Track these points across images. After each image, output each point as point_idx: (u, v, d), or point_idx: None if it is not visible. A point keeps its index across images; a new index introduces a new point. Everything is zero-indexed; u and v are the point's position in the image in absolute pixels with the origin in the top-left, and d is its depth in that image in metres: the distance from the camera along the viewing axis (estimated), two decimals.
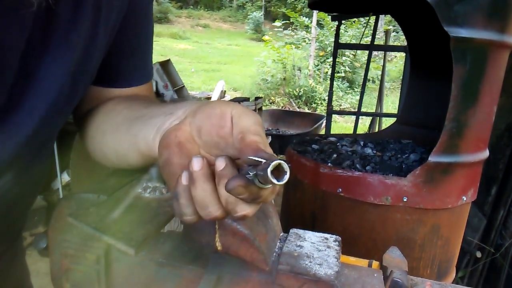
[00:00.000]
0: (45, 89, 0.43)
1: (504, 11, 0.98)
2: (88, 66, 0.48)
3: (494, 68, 1.01)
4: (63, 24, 0.42)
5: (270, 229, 0.42)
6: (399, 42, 9.24)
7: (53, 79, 0.44)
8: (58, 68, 0.43)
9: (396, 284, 0.40)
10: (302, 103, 8.01)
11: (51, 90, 0.44)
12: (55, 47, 0.42)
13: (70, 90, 0.47)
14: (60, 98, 0.46)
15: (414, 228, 1.08)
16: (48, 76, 0.43)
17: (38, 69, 0.42)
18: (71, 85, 0.46)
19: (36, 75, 0.42)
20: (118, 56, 0.57)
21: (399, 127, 1.69)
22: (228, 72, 10.04)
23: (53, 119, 0.47)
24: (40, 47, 0.41)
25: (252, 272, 0.39)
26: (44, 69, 0.43)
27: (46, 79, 0.43)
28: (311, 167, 1.17)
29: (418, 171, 1.02)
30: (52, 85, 0.44)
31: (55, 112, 0.46)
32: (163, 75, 4.81)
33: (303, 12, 11.81)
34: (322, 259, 0.40)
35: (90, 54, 0.47)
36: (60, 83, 0.44)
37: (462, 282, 1.87)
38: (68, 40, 0.43)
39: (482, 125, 1.05)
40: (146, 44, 0.61)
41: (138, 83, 0.61)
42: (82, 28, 0.44)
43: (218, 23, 19.81)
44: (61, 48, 0.43)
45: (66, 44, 0.43)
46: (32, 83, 0.42)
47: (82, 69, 0.47)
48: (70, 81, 0.45)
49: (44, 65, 0.42)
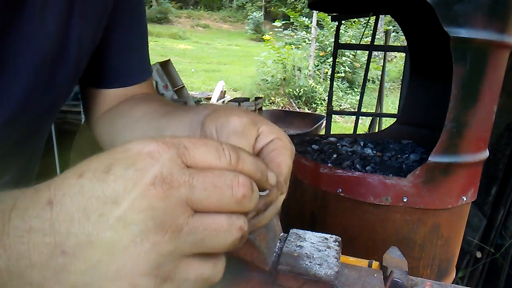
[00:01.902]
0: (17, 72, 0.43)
1: (504, 11, 0.98)
2: (66, 56, 0.47)
3: (494, 68, 1.01)
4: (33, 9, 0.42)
5: (270, 229, 0.42)
6: (399, 42, 9.25)
7: (25, 63, 0.43)
8: (30, 53, 0.43)
9: (396, 284, 0.40)
10: (302, 103, 8.01)
11: (24, 73, 0.43)
12: (25, 32, 0.42)
13: (47, 78, 0.46)
14: (36, 84, 0.45)
15: (414, 228, 1.08)
16: (19, 59, 0.43)
17: (8, 51, 0.42)
18: (48, 74, 0.46)
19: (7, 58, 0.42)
20: (115, 55, 0.58)
21: (399, 127, 1.69)
22: (228, 72, 10.04)
23: (32, 106, 0.46)
24: (7, 29, 0.41)
25: (252, 272, 0.39)
26: (15, 52, 0.42)
27: (17, 62, 0.42)
28: (311, 167, 1.17)
29: (418, 171, 1.02)
30: (25, 69, 0.43)
31: (32, 98, 0.46)
32: (163, 75, 4.81)
33: (303, 12, 11.81)
34: (322, 259, 0.40)
35: (66, 44, 0.47)
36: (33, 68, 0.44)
37: (462, 282, 1.87)
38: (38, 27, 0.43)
39: (482, 125, 1.05)
40: (142, 41, 0.62)
41: (139, 81, 0.61)
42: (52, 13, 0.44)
43: (218, 23, 19.83)
44: (32, 34, 0.43)
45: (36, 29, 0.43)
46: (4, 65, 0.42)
47: (58, 59, 0.46)
48: (45, 68, 0.45)
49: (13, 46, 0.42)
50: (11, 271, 0.23)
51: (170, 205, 0.23)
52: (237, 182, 0.25)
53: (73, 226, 0.23)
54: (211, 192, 0.24)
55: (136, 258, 0.23)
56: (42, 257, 0.23)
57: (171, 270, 0.24)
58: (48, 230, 0.23)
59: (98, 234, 0.23)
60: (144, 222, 0.23)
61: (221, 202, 0.24)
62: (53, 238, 0.23)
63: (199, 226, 0.24)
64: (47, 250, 0.23)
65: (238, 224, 0.25)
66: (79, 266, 0.23)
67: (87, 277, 0.23)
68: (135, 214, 0.23)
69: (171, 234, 0.23)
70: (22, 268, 0.23)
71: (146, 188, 0.23)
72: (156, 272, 0.23)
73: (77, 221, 0.23)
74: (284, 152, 0.33)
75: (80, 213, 0.23)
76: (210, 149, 0.26)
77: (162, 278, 0.24)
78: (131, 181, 0.23)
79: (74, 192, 0.23)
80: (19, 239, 0.23)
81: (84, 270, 0.23)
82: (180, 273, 0.24)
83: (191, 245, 0.24)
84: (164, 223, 0.23)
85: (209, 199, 0.24)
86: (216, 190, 0.24)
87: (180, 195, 0.23)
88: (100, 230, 0.22)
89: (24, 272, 0.23)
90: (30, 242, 0.23)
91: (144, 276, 0.23)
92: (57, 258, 0.23)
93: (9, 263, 0.23)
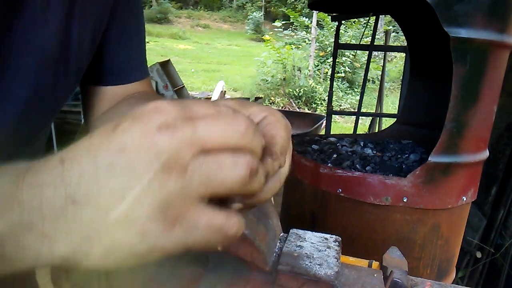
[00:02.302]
0: (20, 72, 0.43)
1: (504, 11, 0.98)
2: (67, 56, 0.48)
3: (494, 68, 1.01)
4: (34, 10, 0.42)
5: (270, 229, 0.42)
6: (399, 42, 9.25)
7: (27, 64, 0.43)
8: (32, 53, 0.43)
9: (396, 284, 0.40)
10: (302, 103, 8.01)
11: (26, 74, 0.44)
12: (27, 32, 0.42)
13: (49, 78, 0.46)
14: (39, 84, 0.45)
15: (414, 228, 1.08)
16: (21, 60, 0.43)
17: (10, 52, 0.42)
18: (50, 73, 0.46)
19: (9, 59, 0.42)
20: (113, 52, 0.58)
21: (399, 127, 1.69)
22: (228, 73, 10.04)
23: (35, 107, 0.47)
24: (8, 30, 0.41)
25: (252, 272, 0.39)
26: (17, 53, 0.42)
27: (18, 62, 0.43)
28: (311, 167, 1.17)
29: (418, 171, 1.02)
30: (27, 70, 0.44)
31: (35, 99, 0.46)
32: (163, 75, 4.81)
33: (303, 12, 11.81)
34: (322, 259, 0.40)
35: (67, 44, 0.47)
36: (35, 69, 0.44)
37: (462, 282, 1.87)
38: (40, 27, 0.43)
39: (482, 125, 1.05)
40: (140, 40, 0.62)
41: (137, 78, 0.62)
42: (53, 13, 0.44)
43: (218, 23, 19.83)
44: (33, 34, 0.43)
45: (37, 30, 0.43)
46: (4, 65, 0.42)
47: (60, 59, 0.47)
48: (47, 68, 0.45)
49: (14, 46, 0.42)
50: (23, 224, 0.24)
51: (175, 145, 0.24)
52: (238, 117, 0.26)
53: (83, 177, 0.24)
54: (214, 128, 0.25)
55: (145, 200, 0.23)
56: (53, 209, 0.24)
57: (179, 212, 0.24)
58: (59, 184, 0.24)
59: (108, 182, 0.23)
60: (151, 164, 0.23)
61: (226, 136, 0.25)
62: (64, 190, 0.24)
63: (204, 162, 0.24)
64: (59, 201, 0.24)
65: (245, 159, 0.25)
66: (90, 214, 0.24)
67: (97, 225, 0.24)
68: (141, 157, 0.23)
69: (178, 173, 0.24)
70: (34, 221, 0.24)
71: (151, 133, 0.24)
72: (165, 215, 0.24)
73: (87, 173, 0.24)
74: (277, 125, 0.33)
75: (90, 165, 0.24)
76: (209, 105, 0.27)
77: (171, 221, 0.24)
78: (137, 131, 0.24)
79: (84, 148, 0.24)
80: (32, 193, 0.24)
81: (95, 217, 0.24)
82: (189, 216, 0.25)
83: (198, 183, 0.24)
84: (170, 163, 0.24)
85: (213, 135, 0.25)
86: (219, 126, 0.25)
87: (184, 135, 0.24)
88: (109, 178, 0.23)
89: (36, 224, 0.24)
90: (42, 195, 0.24)
91: (153, 219, 0.24)
92: (68, 208, 0.24)
93: (21, 217, 0.24)
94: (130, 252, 0.25)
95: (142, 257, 0.25)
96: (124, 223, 0.24)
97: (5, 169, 0.26)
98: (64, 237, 0.24)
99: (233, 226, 0.26)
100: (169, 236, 0.24)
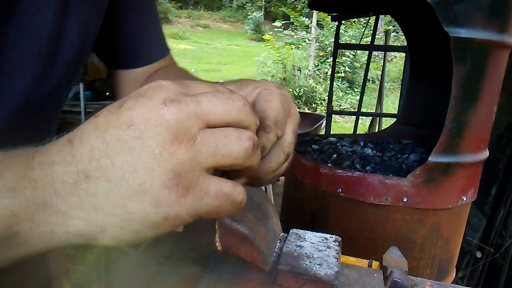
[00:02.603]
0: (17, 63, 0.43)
1: (504, 11, 0.98)
2: (65, 43, 0.47)
3: (494, 68, 1.01)
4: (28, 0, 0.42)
5: (270, 229, 0.42)
6: (399, 42, 9.24)
7: (24, 54, 0.43)
8: (28, 44, 0.43)
9: (396, 284, 0.40)
10: (302, 103, 8.01)
11: (23, 64, 0.44)
12: (22, 23, 0.42)
13: (47, 66, 0.46)
14: (37, 73, 0.45)
15: (414, 228, 1.08)
16: (15, 48, 0.42)
17: (4, 41, 0.42)
18: (47, 61, 0.46)
19: (5, 51, 0.42)
20: (132, 36, 0.60)
21: (399, 127, 1.69)
22: (228, 73, 10.04)
23: (34, 97, 0.46)
24: (5, 23, 0.41)
25: (252, 272, 0.39)
26: (13, 45, 0.42)
27: (14, 52, 0.42)
28: (311, 167, 1.17)
29: (418, 171, 1.02)
30: (24, 60, 0.43)
31: (34, 89, 0.46)
32: None
33: (303, 12, 11.81)
34: (322, 259, 0.40)
35: (64, 31, 0.47)
36: (32, 58, 0.44)
37: (462, 282, 1.87)
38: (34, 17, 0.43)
39: (482, 125, 1.05)
40: (156, 20, 0.63)
41: (159, 57, 0.63)
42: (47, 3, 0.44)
43: (218, 23, 19.83)
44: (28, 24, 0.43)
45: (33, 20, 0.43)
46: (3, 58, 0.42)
47: (56, 46, 0.46)
48: (44, 56, 0.45)
49: (10, 36, 0.42)
50: (37, 201, 0.24)
51: (181, 117, 0.25)
52: (235, 96, 0.27)
53: (94, 153, 0.24)
54: (215, 103, 0.26)
55: (157, 170, 0.24)
56: (66, 185, 0.24)
57: (191, 180, 0.25)
58: (70, 161, 0.24)
59: (118, 155, 0.24)
60: (160, 135, 0.24)
61: (226, 110, 0.26)
62: (75, 167, 0.24)
63: (210, 134, 0.26)
64: (71, 178, 0.24)
65: (247, 134, 0.27)
66: (103, 187, 0.24)
67: (111, 197, 0.24)
68: (150, 130, 0.24)
69: (186, 142, 0.25)
70: (47, 198, 0.24)
71: (158, 107, 0.25)
72: (177, 182, 0.25)
73: (96, 149, 0.24)
74: (270, 98, 0.35)
75: (99, 142, 0.24)
76: (207, 85, 0.29)
77: (183, 188, 0.25)
78: (143, 106, 0.25)
79: (91, 128, 0.25)
80: (44, 171, 0.24)
81: (108, 190, 0.24)
82: (201, 184, 0.26)
83: (207, 154, 0.26)
84: (178, 133, 0.25)
85: (215, 109, 0.26)
86: (219, 102, 0.26)
87: (189, 109, 0.25)
88: (120, 152, 0.24)
89: (49, 201, 0.24)
90: (54, 173, 0.24)
91: (166, 187, 0.25)
92: (81, 183, 0.24)
93: (34, 194, 0.24)
94: (145, 223, 0.25)
95: (157, 227, 0.25)
96: (138, 193, 0.24)
97: (13, 152, 0.26)
98: (79, 212, 0.25)
99: (240, 193, 0.27)
100: (182, 204, 0.25)
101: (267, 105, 0.34)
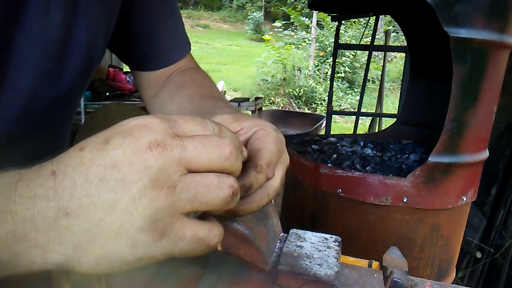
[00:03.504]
0: (25, 63, 0.43)
1: (504, 11, 0.98)
2: (74, 46, 0.47)
3: (494, 68, 1.01)
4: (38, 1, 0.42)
5: (270, 229, 0.42)
6: (399, 42, 9.25)
7: (32, 55, 0.43)
8: (37, 44, 0.43)
9: (396, 284, 0.40)
10: (302, 103, 8.01)
11: (31, 65, 0.44)
12: (31, 24, 0.42)
13: (55, 68, 0.46)
14: (45, 75, 0.45)
15: (414, 228, 1.08)
16: (24, 50, 0.43)
17: (13, 42, 0.42)
18: (55, 63, 0.46)
19: (14, 51, 0.42)
20: (152, 38, 0.61)
21: (399, 127, 1.69)
22: (228, 73, 10.04)
23: (41, 98, 0.47)
24: (14, 22, 0.41)
25: (252, 272, 0.39)
26: (22, 45, 0.42)
27: (23, 53, 0.43)
28: (311, 167, 1.17)
29: (418, 171, 1.02)
30: (32, 61, 0.44)
31: (41, 90, 0.46)
32: None
33: (303, 12, 11.81)
34: (322, 259, 0.40)
35: (73, 33, 0.47)
36: (40, 59, 0.44)
37: (462, 282, 1.87)
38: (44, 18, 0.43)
39: (482, 125, 1.05)
40: (174, 17, 0.64)
41: (178, 58, 0.65)
42: (58, 5, 0.44)
43: (218, 23, 19.82)
44: (37, 25, 0.43)
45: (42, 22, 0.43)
46: (9, 57, 0.42)
47: (65, 48, 0.47)
48: (53, 58, 0.45)
49: (19, 38, 0.42)
50: (17, 235, 0.25)
51: (164, 164, 0.25)
52: (223, 142, 0.27)
53: (76, 191, 0.25)
54: (201, 150, 0.26)
55: (135, 214, 0.25)
56: (46, 220, 0.25)
57: (167, 226, 0.26)
58: (52, 197, 0.25)
59: (100, 195, 0.25)
60: (142, 180, 0.25)
61: (211, 159, 0.27)
62: (56, 203, 0.25)
63: (191, 182, 0.26)
64: (52, 213, 0.25)
65: (228, 182, 0.27)
66: (82, 226, 0.25)
67: (89, 236, 0.25)
68: (133, 174, 0.25)
69: (167, 190, 0.25)
70: (27, 232, 0.25)
71: (142, 151, 0.25)
72: (154, 227, 0.25)
73: (79, 187, 0.25)
74: (266, 139, 0.35)
75: (82, 179, 0.25)
76: (196, 123, 0.29)
77: (159, 233, 0.26)
78: (129, 147, 0.25)
79: (76, 162, 0.25)
80: (25, 205, 0.25)
81: (87, 229, 0.25)
82: (177, 229, 0.26)
83: (186, 201, 0.26)
84: (160, 180, 0.25)
85: (200, 157, 0.26)
86: (205, 149, 0.27)
87: (173, 155, 0.26)
88: (101, 192, 0.25)
89: (29, 235, 0.25)
90: (35, 207, 0.25)
91: (143, 231, 0.25)
92: (61, 220, 0.25)
93: (14, 228, 0.25)
94: (120, 261, 0.26)
95: (132, 265, 0.26)
96: (116, 235, 0.25)
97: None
98: (57, 247, 0.25)
99: (215, 237, 0.28)
100: (158, 246, 0.26)
101: (262, 146, 0.34)
